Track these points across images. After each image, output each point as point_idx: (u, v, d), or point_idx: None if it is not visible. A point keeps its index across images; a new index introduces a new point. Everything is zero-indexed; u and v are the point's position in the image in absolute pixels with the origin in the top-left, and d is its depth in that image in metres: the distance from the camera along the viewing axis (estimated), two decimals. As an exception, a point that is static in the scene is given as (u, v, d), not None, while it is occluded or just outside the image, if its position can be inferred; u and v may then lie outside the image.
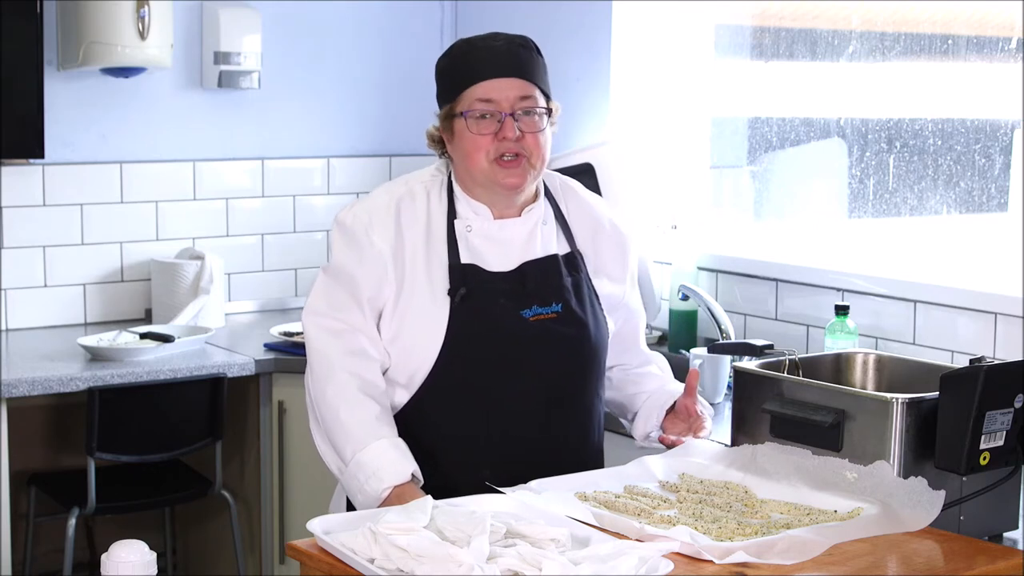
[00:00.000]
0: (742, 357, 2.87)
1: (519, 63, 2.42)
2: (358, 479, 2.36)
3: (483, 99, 2.40)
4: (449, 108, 2.45)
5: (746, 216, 4.13)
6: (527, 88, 2.41)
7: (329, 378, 2.42)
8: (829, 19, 3.88)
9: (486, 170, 2.42)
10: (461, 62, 2.45)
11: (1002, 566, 2.06)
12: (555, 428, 2.46)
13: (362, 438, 2.38)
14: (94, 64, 4.06)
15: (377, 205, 2.48)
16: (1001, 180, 3.40)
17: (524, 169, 2.42)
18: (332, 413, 2.41)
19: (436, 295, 2.42)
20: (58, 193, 4.24)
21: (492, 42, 2.45)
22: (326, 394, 2.42)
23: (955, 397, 2.21)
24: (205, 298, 4.22)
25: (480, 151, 2.41)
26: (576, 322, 2.46)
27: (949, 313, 3.29)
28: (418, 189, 2.51)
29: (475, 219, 2.47)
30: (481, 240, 2.46)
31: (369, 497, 2.35)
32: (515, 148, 2.40)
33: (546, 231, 2.52)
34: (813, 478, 2.29)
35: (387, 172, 4.77)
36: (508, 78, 2.40)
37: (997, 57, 3.40)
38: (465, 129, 2.42)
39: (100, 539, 4.30)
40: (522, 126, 2.40)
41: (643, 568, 1.89)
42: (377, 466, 2.35)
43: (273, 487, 3.95)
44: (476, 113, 2.40)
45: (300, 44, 4.61)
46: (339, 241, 2.48)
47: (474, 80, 2.41)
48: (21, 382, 3.56)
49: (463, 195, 2.49)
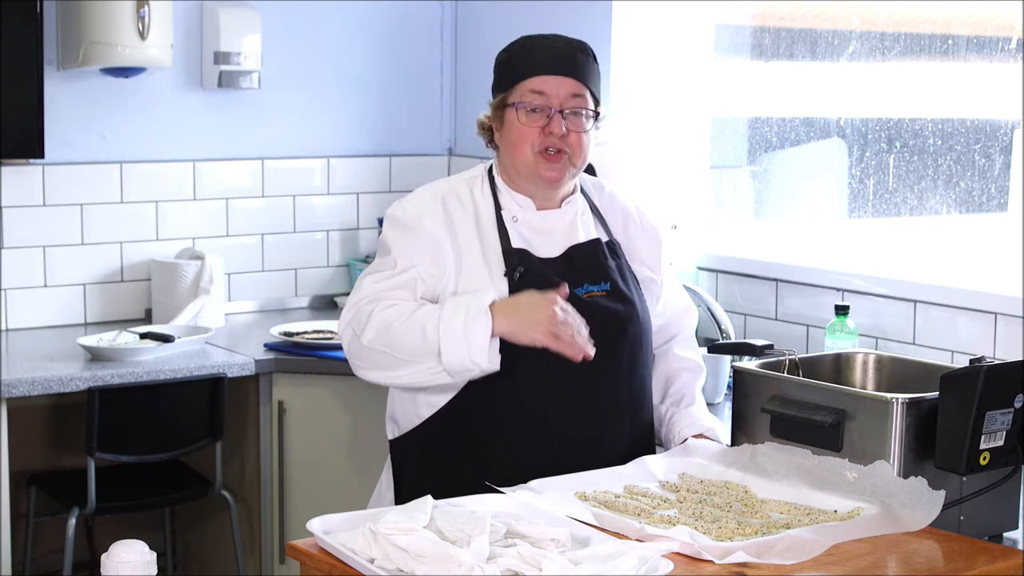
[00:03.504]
0: (742, 357, 2.87)
1: (575, 64, 2.51)
2: (454, 335, 2.37)
3: (536, 91, 2.49)
4: (502, 98, 2.53)
5: (746, 216, 4.13)
6: (579, 88, 2.50)
7: (368, 319, 2.44)
8: (829, 19, 3.88)
9: (530, 162, 2.50)
10: (519, 55, 2.54)
11: (1002, 566, 2.06)
12: (612, 403, 2.51)
13: (430, 314, 2.40)
14: (94, 64, 4.06)
15: (423, 199, 2.56)
16: (1001, 180, 3.40)
17: (564, 165, 2.51)
18: (388, 333, 2.42)
19: (494, 277, 2.48)
20: (58, 193, 4.24)
21: (553, 42, 2.54)
22: (370, 328, 2.43)
23: (955, 397, 2.21)
24: (205, 298, 4.22)
25: (526, 142, 2.49)
26: (625, 299, 2.54)
27: (949, 313, 3.29)
28: (460, 187, 2.59)
29: (519, 211, 2.55)
30: (526, 229, 2.54)
31: (477, 335, 2.36)
32: (559, 144, 2.49)
33: (585, 220, 2.60)
34: (813, 478, 2.29)
35: (387, 172, 4.77)
36: (563, 76, 2.49)
37: (997, 57, 3.40)
38: (515, 119, 2.50)
39: (100, 539, 4.30)
40: (569, 124, 2.49)
41: (643, 568, 1.89)
42: (463, 305, 2.39)
43: (273, 487, 3.95)
44: (528, 105, 2.49)
45: (300, 44, 4.61)
46: (392, 232, 2.53)
47: (529, 74, 2.50)
48: (21, 382, 3.56)
49: (506, 188, 2.57)
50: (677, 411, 2.66)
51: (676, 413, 2.65)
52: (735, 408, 2.48)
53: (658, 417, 2.68)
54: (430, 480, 2.40)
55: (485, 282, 2.47)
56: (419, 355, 2.41)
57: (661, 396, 2.70)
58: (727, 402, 3.30)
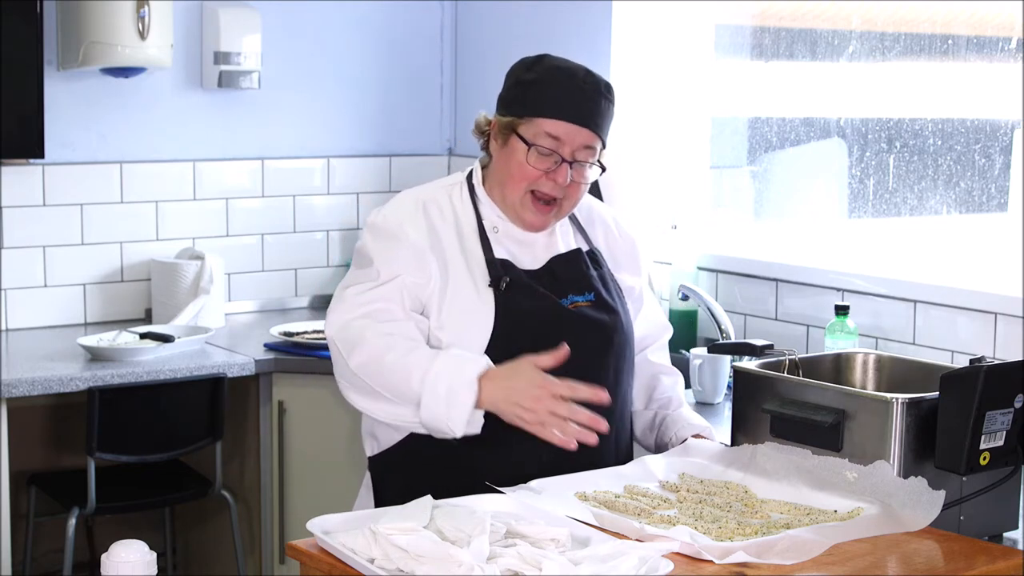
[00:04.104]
0: (742, 357, 2.87)
1: (597, 113, 2.44)
2: (438, 394, 2.29)
3: (552, 135, 2.41)
4: (514, 122, 2.44)
5: (746, 216, 4.13)
6: (593, 140, 2.44)
7: (360, 341, 2.36)
8: (829, 19, 3.88)
9: (517, 200, 2.45)
10: (546, 86, 2.44)
11: (1002, 566, 2.06)
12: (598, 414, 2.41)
13: (421, 361, 2.32)
14: (94, 64, 4.06)
15: (405, 206, 2.50)
16: (1001, 180, 3.40)
17: (552, 216, 2.47)
18: (376, 365, 2.34)
19: (479, 288, 2.43)
20: (58, 193, 4.24)
21: (582, 83, 2.44)
22: (361, 352, 2.36)
23: (955, 397, 2.21)
24: (205, 298, 4.22)
25: (524, 180, 2.43)
26: (609, 309, 2.50)
27: (949, 313, 3.29)
28: (440, 194, 2.53)
29: (500, 222, 2.50)
30: (508, 240, 2.49)
31: (460, 403, 2.28)
32: (556, 192, 2.44)
33: (564, 230, 2.56)
34: (813, 478, 2.29)
35: (387, 172, 4.77)
36: (581, 127, 2.42)
37: (997, 57, 3.40)
38: (522, 154, 2.43)
39: (100, 539, 4.30)
40: (574, 175, 2.43)
41: (643, 568, 1.89)
42: (455, 366, 2.30)
43: (273, 487, 3.95)
44: (541, 149, 2.41)
45: (300, 44, 4.61)
46: (373, 240, 2.46)
47: (551, 114, 2.41)
48: (21, 382, 3.56)
49: (487, 199, 2.51)
50: (669, 414, 2.62)
51: (668, 416, 2.61)
52: (735, 408, 2.48)
53: (645, 422, 2.64)
54: (412, 495, 2.23)
55: (471, 293, 2.42)
56: (401, 399, 2.34)
57: (645, 401, 2.66)
58: (727, 402, 3.30)
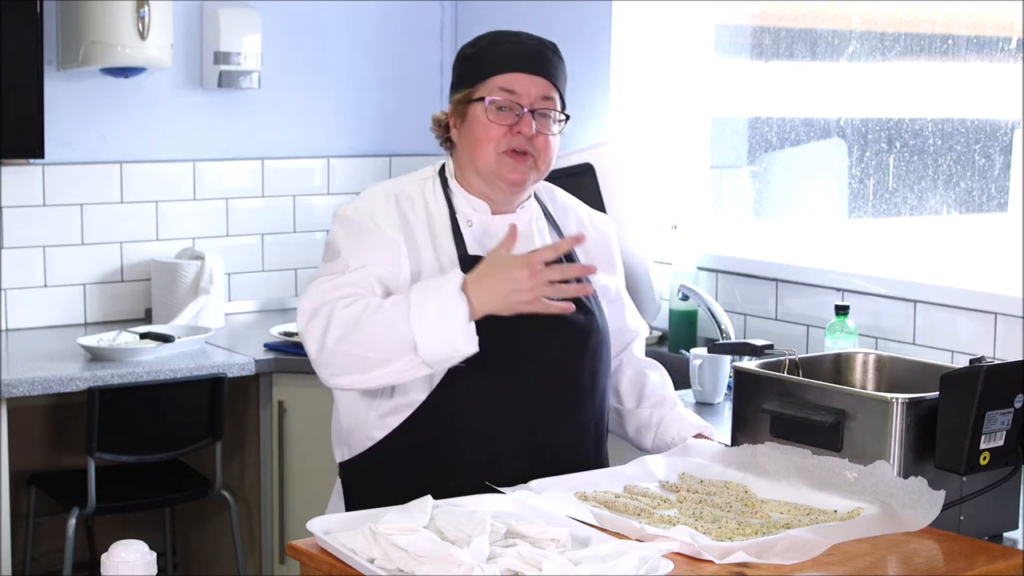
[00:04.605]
0: (742, 357, 2.87)
1: (547, 64, 2.43)
2: (430, 323, 2.23)
3: (507, 89, 2.39)
4: (468, 93, 2.43)
5: (746, 216, 4.13)
6: (550, 89, 2.42)
7: (330, 319, 2.30)
8: (829, 19, 3.88)
9: (492, 161, 2.41)
10: (489, 51, 2.44)
11: (1002, 566, 2.06)
12: (572, 415, 2.44)
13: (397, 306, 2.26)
14: (94, 64, 4.06)
15: (376, 197, 2.46)
16: (1001, 180, 3.40)
17: (529, 167, 2.42)
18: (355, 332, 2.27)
19: None
20: (58, 193, 4.24)
21: (525, 39, 2.45)
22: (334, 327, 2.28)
23: (955, 397, 2.21)
24: (205, 298, 4.22)
25: (491, 141, 2.40)
26: (583, 308, 2.45)
27: (949, 313, 3.29)
28: (411, 188, 2.49)
29: (474, 215, 2.46)
30: (482, 234, 2.45)
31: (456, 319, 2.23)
32: (526, 146, 2.40)
33: (540, 226, 2.53)
34: (813, 478, 2.29)
35: (387, 172, 4.77)
36: (534, 75, 2.41)
37: (997, 57, 3.40)
38: (482, 115, 2.40)
39: (100, 539, 4.30)
40: (538, 126, 2.40)
41: (643, 568, 1.89)
42: (433, 291, 2.25)
43: (273, 487, 3.95)
44: (498, 102, 2.39)
45: (300, 44, 4.61)
46: (342, 232, 2.42)
47: (501, 69, 2.40)
48: (21, 382, 3.56)
49: (460, 191, 2.47)
50: (665, 413, 2.58)
51: (666, 416, 2.57)
52: (735, 408, 2.48)
53: (640, 422, 2.60)
54: (383, 502, 2.19)
55: None
56: (393, 351, 2.26)
57: (636, 399, 2.62)
58: (727, 402, 3.30)
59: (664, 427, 2.57)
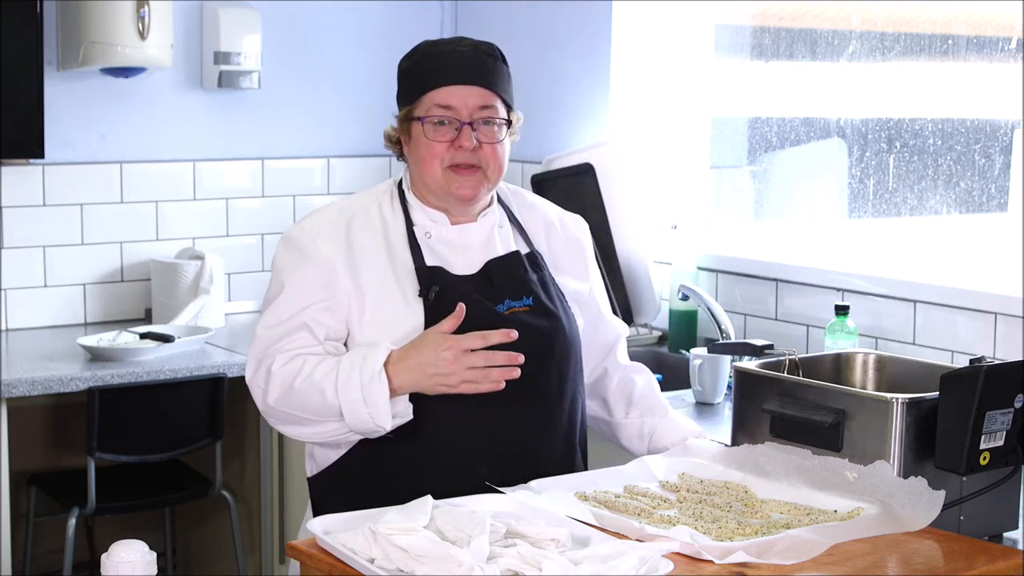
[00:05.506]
0: (742, 357, 2.87)
1: (482, 70, 2.37)
2: (353, 398, 2.26)
3: (442, 105, 2.35)
4: (407, 111, 2.39)
5: (746, 216, 4.13)
6: (488, 97, 2.37)
7: (270, 375, 2.33)
8: (829, 19, 3.88)
9: (439, 178, 2.37)
10: (423, 64, 2.39)
11: (1002, 566, 2.06)
12: (540, 422, 2.41)
13: (328, 373, 2.29)
14: (94, 64, 4.06)
15: (326, 219, 2.43)
16: (1001, 180, 3.40)
17: (478, 180, 2.38)
18: (289, 394, 2.31)
19: (408, 298, 2.36)
20: (58, 193, 4.24)
21: (457, 47, 2.39)
22: (273, 386, 2.32)
23: (955, 397, 2.21)
24: (205, 298, 4.22)
25: (435, 158, 2.36)
26: (548, 314, 2.42)
27: (949, 313, 3.29)
28: (369, 202, 2.45)
29: (433, 226, 2.42)
30: (441, 245, 2.41)
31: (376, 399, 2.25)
32: (471, 159, 2.36)
33: (503, 233, 2.48)
34: (813, 478, 2.29)
35: (387, 172, 4.77)
36: (469, 85, 2.35)
37: (997, 57, 3.40)
38: (421, 135, 2.36)
39: (100, 539, 4.30)
40: (480, 136, 2.35)
41: (643, 568, 1.89)
42: (359, 364, 2.26)
43: (273, 487, 3.95)
44: (434, 119, 2.35)
45: (300, 44, 4.61)
46: (285, 256, 2.41)
47: (434, 85, 2.36)
48: (21, 382, 3.56)
49: (418, 203, 2.44)
50: (657, 423, 2.56)
51: (658, 425, 2.55)
52: (735, 408, 2.48)
53: (632, 432, 2.58)
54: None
55: (399, 305, 2.35)
56: (325, 415, 2.29)
57: (625, 408, 2.59)
58: (727, 402, 3.30)
59: (657, 436, 2.55)
